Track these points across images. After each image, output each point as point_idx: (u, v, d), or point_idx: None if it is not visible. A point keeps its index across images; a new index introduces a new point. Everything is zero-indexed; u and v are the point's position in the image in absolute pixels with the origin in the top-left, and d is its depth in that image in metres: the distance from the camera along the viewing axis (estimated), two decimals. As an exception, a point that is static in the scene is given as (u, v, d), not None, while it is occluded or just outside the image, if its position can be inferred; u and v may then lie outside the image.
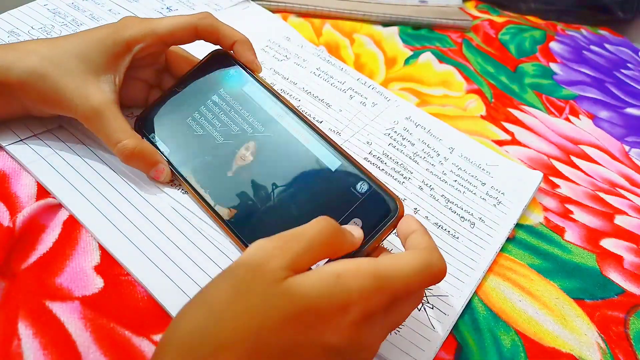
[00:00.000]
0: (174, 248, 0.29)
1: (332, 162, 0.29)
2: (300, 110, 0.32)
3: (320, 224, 0.23)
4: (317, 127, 0.31)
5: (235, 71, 0.34)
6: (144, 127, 0.33)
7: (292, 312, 0.20)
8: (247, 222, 0.29)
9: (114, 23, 0.31)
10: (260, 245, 0.22)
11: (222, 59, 0.34)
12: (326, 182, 0.29)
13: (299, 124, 0.31)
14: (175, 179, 0.32)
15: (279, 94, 0.33)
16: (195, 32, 0.32)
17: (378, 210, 0.27)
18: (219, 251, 0.30)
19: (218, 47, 0.35)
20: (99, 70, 0.29)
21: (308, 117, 0.31)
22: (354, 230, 0.26)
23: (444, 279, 0.32)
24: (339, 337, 0.21)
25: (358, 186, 0.28)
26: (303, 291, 0.20)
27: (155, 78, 0.36)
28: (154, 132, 0.33)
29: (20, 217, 0.28)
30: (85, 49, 0.29)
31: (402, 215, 0.27)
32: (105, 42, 0.30)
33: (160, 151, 0.32)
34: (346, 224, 0.27)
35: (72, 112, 0.29)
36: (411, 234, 0.26)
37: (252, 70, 0.34)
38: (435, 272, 0.23)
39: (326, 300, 0.20)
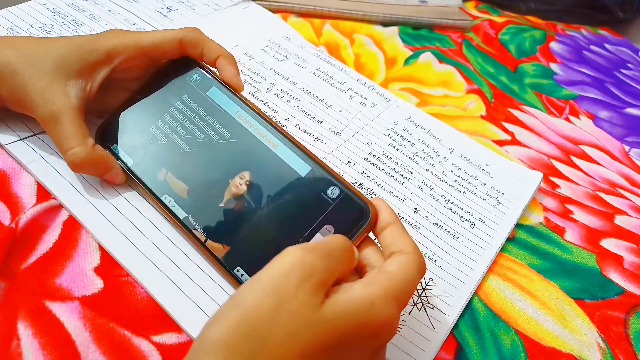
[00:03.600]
0: (173, 249, 0.29)
1: (302, 167, 0.28)
2: (273, 115, 0.31)
3: (343, 242, 0.23)
4: (285, 131, 0.30)
5: (198, 75, 0.32)
6: (105, 137, 0.32)
7: (332, 341, 0.20)
8: (215, 229, 0.28)
9: (99, 32, 0.31)
10: (297, 258, 0.21)
11: (184, 64, 0.33)
12: (296, 189, 0.28)
13: (266, 128, 0.30)
14: (137, 188, 0.31)
15: (244, 98, 0.31)
16: (180, 46, 0.32)
17: (351, 216, 0.26)
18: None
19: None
20: (70, 74, 0.29)
21: (276, 120, 0.30)
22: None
23: (445, 278, 0.32)
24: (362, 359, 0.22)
25: (329, 192, 0.27)
26: (342, 319, 0.20)
27: None
28: (116, 143, 0.31)
29: (24, 219, 0.28)
30: (64, 52, 0.29)
31: (376, 220, 0.26)
32: (84, 48, 0.30)
33: (123, 162, 0.31)
34: (318, 230, 0.27)
35: (32, 112, 0.29)
36: (387, 228, 0.25)
37: (233, 88, 0.32)
38: (423, 274, 0.24)
39: (362, 329, 0.21)
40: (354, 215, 0.26)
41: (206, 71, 0.33)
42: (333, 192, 0.27)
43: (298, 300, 0.20)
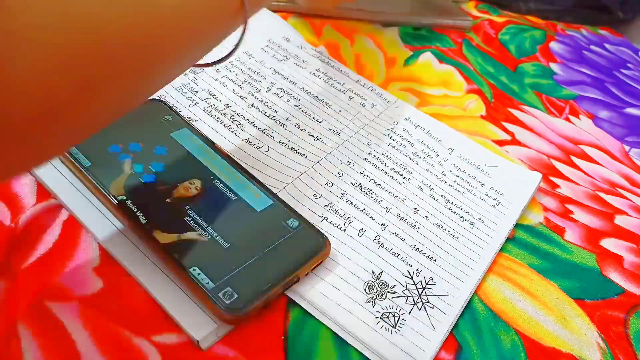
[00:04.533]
0: (173, 248, 0.29)
1: (264, 201, 0.31)
2: (233, 155, 0.34)
3: None
4: (248, 172, 0.32)
5: (170, 117, 0.35)
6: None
7: None
8: (184, 249, 0.28)
9: None
10: None
11: (156, 105, 0.36)
12: (258, 218, 0.30)
13: (231, 168, 0.32)
14: (100, 196, 0.29)
15: (208, 138, 0.34)
16: None
17: (306, 245, 0.29)
18: (218, 251, 0.30)
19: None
20: None
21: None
22: None
23: (445, 278, 0.32)
24: None
25: (289, 222, 0.30)
26: None
27: None
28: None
29: (24, 218, 0.28)
30: None
31: (328, 253, 0.29)
32: None
33: (79, 162, 0.30)
34: (275, 252, 0.28)
35: None
36: None
37: None
38: None
39: None
40: (309, 244, 0.29)
41: (177, 114, 0.35)
42: (292, 223, 0.30)
43: None
